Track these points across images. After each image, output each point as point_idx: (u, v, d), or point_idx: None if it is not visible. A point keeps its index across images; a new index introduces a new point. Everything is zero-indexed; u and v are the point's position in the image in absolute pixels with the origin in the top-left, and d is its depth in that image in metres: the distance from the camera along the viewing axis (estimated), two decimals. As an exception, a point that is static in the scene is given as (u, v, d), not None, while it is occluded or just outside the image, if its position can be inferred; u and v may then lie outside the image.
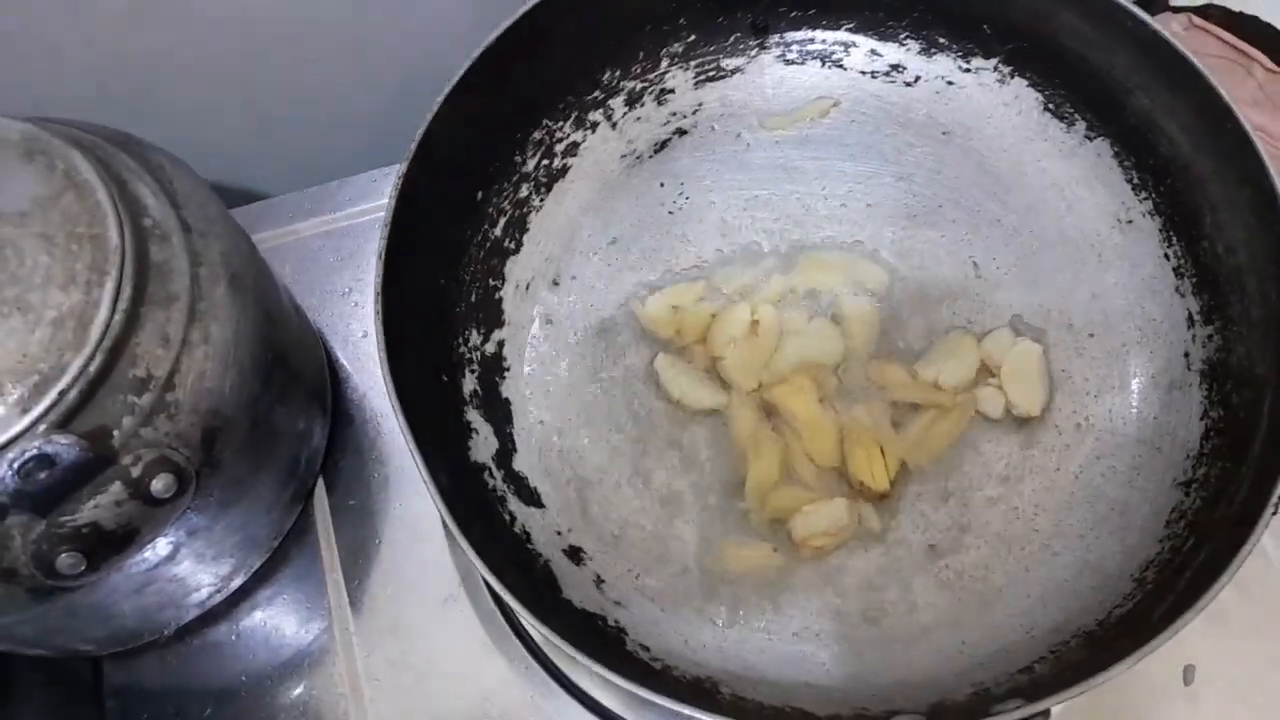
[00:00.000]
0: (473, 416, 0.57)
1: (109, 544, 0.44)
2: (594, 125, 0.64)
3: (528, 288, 0.62)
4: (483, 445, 0.57)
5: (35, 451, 0.40)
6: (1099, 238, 0.60)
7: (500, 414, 0.58)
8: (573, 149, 0.64)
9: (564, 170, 0.64)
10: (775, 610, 0.54)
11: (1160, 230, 0.58)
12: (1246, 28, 0.71)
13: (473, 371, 0.59)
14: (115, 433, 0.43)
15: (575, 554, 0.55)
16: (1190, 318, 0.56)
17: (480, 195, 0.61)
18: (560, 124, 0.64)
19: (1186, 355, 0.56)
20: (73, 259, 0.43)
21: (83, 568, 0.43)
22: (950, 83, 0.64)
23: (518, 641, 0.59)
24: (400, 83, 0.71)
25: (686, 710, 0.44)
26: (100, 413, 0.43)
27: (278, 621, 0.60)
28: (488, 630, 0.59)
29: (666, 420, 0.59)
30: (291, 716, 0.58)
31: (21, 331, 0.42)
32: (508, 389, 0.59)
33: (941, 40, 0.63)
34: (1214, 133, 0.54)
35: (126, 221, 0.45)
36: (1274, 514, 0.45)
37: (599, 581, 0.54)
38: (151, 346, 0.45)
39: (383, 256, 0.51)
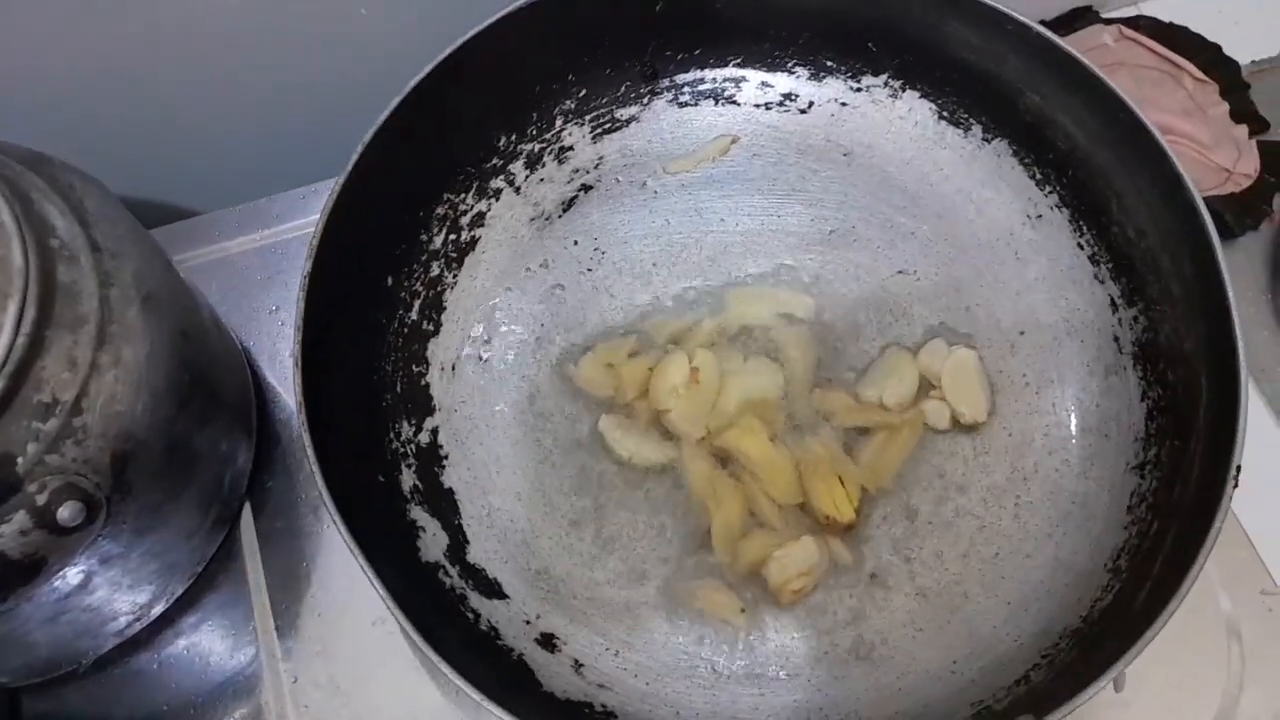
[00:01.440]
0: (417, 514, 0.54)
1: (15, 574, 0.42)
2: (497, 192, 0.63)
3: (454, 369, 0.59)
4: (432, 542, 0.54)
5: None
6: (1012, 236, 0.61)
7: (445, 506, 0.56)
8: (479, 219, 0.62)
9: (473, 242, 0.62)
10: (762, 661, 0.52)
11: (1070, 221, 0.60)
12: (1176, 38, 0.73)
13: (409, 466, 0.56)
14: (19, 460, 0.41)
15: (548, 641, 0.53)
16: (1113, 302, 0.57)
17: (390, 280, 0.59)
18: (462, 195, 0.62)
19: (1116, 340, 0.57)
20: None
21: None
22: (844, 104, 0.64)
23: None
24: (329, 97, 0.68)
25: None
26: (3, 439, 0.41)
27: (203, 648, 0.57)
28: (418, 653, 0.56)
29: (620, 482, 0.57)
30: None
31: None
32: (449, 478, 0.57)
33: (829, 63, 0.64)
34: (1108, 123, 0.55)
35: (31, 242, 0.42)
36: (1235, 486, 0.46)
37: (578, 666, 0.52)
38: (57, 370, 0.42)
39: (299, 362, 0.48)
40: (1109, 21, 0.75)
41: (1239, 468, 0.46)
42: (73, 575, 0.47)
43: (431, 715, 0.56)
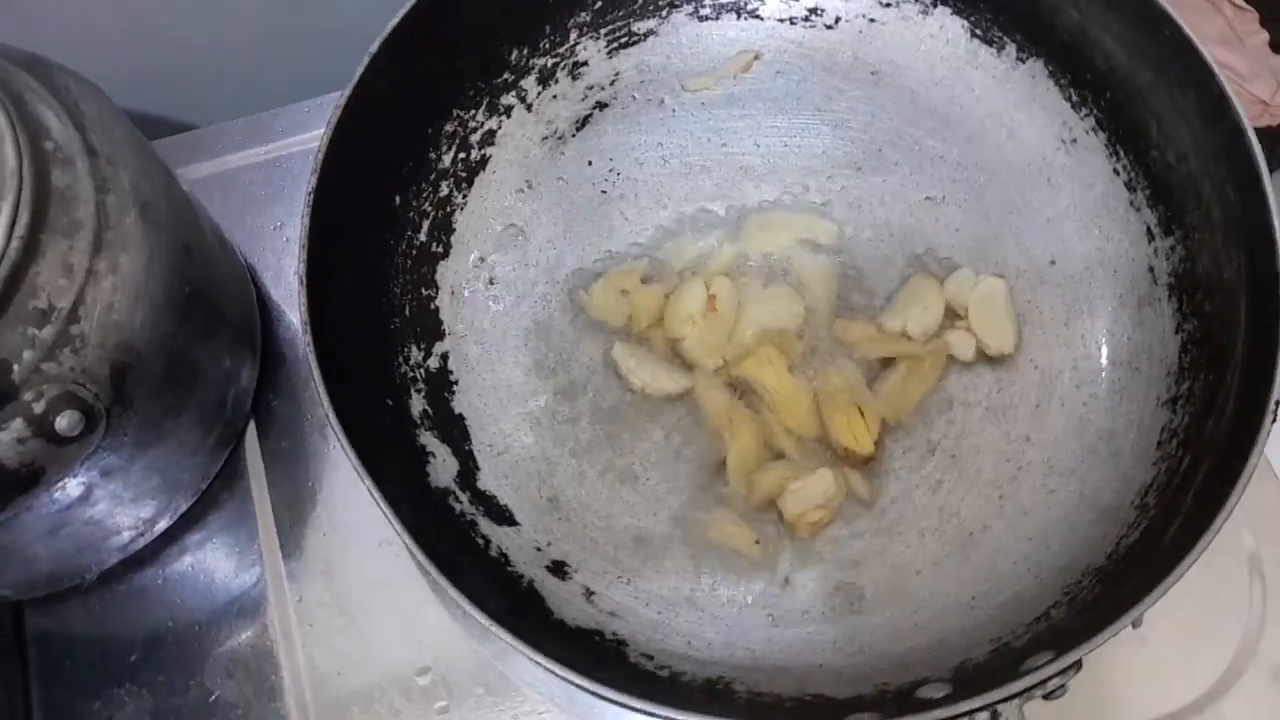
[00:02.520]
0: (427, 439, 0.53)
1: (13, 483, 0.42)
2: (508, 109, 0.60)
3: (464, 293, 0.58)
4: (442, 469, 0.53)
5: None
6: (1045, 161, 0.59)
7: (456, 432, 0.54)
8: (489, 137, 0.60)
9: (483, 161, 0.60)
10: (775, 593, 0.51)
11: (1106, 145, 0.57)
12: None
13: (419, 391, 0.55)
14: (15, 367, 0.41)
15: (559, 568, 0.52)
16: (1149, 231, 0.55)
17: (398, 200, 0.57)
18: (472, 112, 0.59)
19: (1151, 270, 0.55)
20: None
21: None
22: (872, 20, 0.62)
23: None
24: (334, 6, 0.67)
25: (707, 720, 0.41)
26: None
27: (208, 566, 0.58)
28: (425, 576, 0.56)
29: (634, 411, 0.55)
30: (220, 662, 0.55)
31: None
32: (459, 404, 0.56)
33: (858, -24, 0.61)
34: (1152, 40, 0.52)
35: (25, 144, 0.41)
36: (1274, 420, 0.44)
37: (589, 594, 0.51)
38: (53, 276, 0.42)
39: (304, 280, 0.47)
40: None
41: (1279, 402, 0.44)
42: (73, 487, 0.46)
43: (437, 636, 0.55)
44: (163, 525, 0.56)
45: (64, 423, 0.42)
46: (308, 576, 0.57)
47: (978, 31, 0.60)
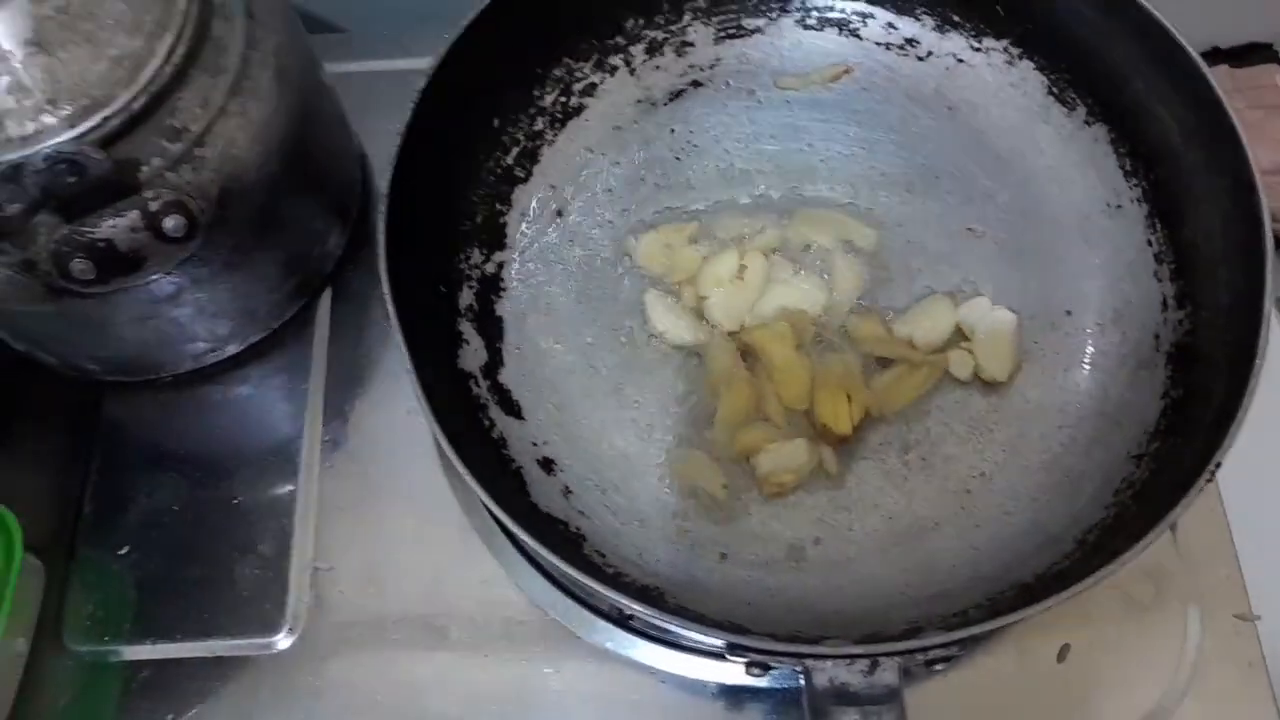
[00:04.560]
0: (465, 328, 0.60)
1: (119, 263, 0.49)
2: (613, 69, 0.67)
3: (533, 215, 0.65)
4: (472, 356, 0.60)
5: (70, 156, 0.46)
6: (1087, 220, 0.62)
7: (492, 329, 0.61)
8: (590, 89, 0.67)
9: (579, 109, 0.67)
10: (729, 536, 0.56)
11: (1146, 217, 0.60)
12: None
13: (471, 288, 0.62)
14: (143, 168, 0.49)
15: (548, 465, 0.58)
16: (1165, 302, 0.58)
17: (497, 123, 0.64)
18: (581, 64, 0.66)
19: (1157, 337, 0.58)
20: (144, 11, 0.49)
21: (92, 276, 0.49)
22: (961, 60, 0.66)
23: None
24: None
25: (635, 608, 0.47)
26: (134, 147, 0.49)
27: (261, 396, 0.65)
28: (437, 445, 0.62)
29: (650, 352, 0.61)
30: (249, 474, 0.63)
31: (85, 60, 0.48)
32: (502, 308, 0.62)
33: (956, 18, 0.65)
34: (1204, 122, 0.55)
35: None
36: (1208, 480, 0.47)
37: (567, 492, 0.57)
38: (192, 104, 0.50)
39: (397, 158, 0.54)
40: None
41: (1219, 464, 0.47)
42: (166, 284, 0.55)
43: (433, 497, 0.62)
44: (233, 349, 0.64)
45: (170, 224, 0.50)
46: (340, 422, 0.64)
47: (1054, 89, 0.64)
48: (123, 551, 0.61)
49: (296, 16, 0.59)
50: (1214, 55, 0.85)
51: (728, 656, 0.46)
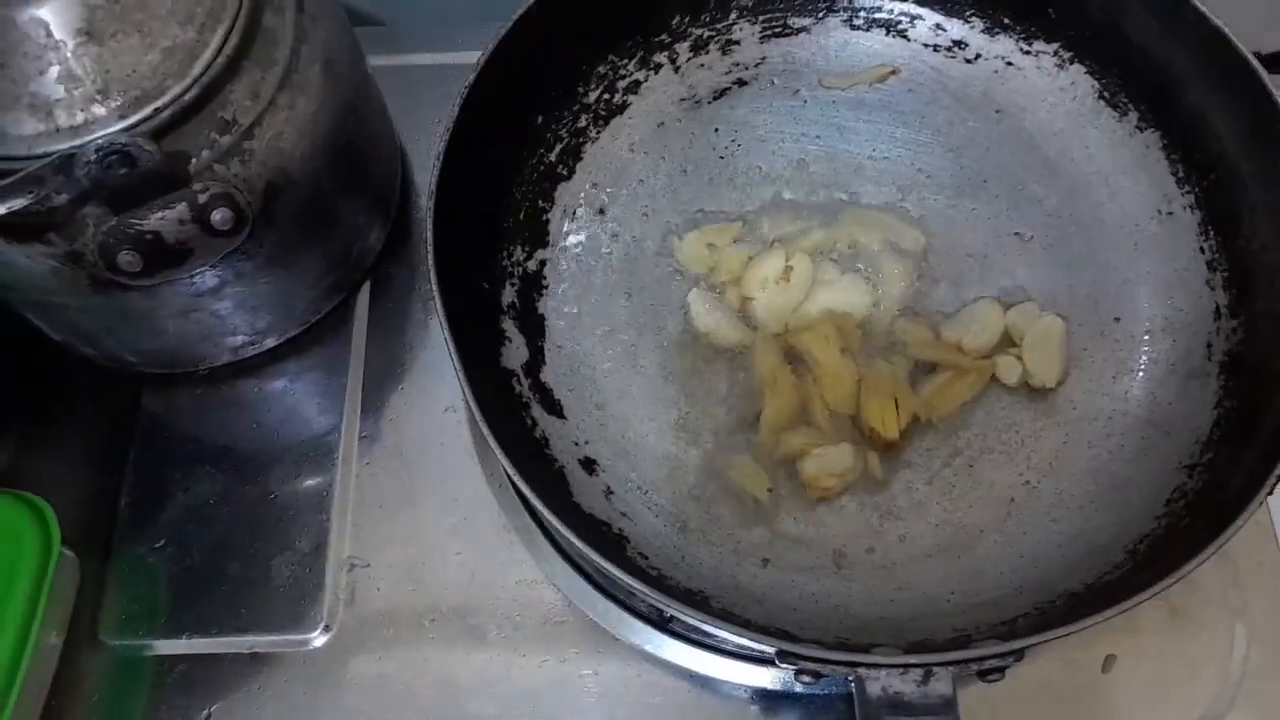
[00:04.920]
0: (508, 326, 0.60)
1: (166, 255, 0.50)
2: (658, 67, 0.67)
3: (575, 213, 0.64)
4: (514, 354, 0.59)
5: (122, 148, 0.45)
6: (1137, 227, 0.61)
7: (534, 328, 0.61)
8: (634, 87, 0.66)
9: (623, 106, 0.66)
10: (773, 540, 0.56)
11: (1199, 224, 0.59)
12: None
13: (513, 285, 0.61)
14: (193, 160, 0.49)
15: (589, 465, 0.57)
16: (1217, 310, 0.57)
17: (540, 120, 0.64)
18: (626, 62, 0.66)
19: (1209, 346, 0.57)
20: (196, 2, 0.49)
21: (139, 269, 0.49)
22: (1010, 63, 0.65)
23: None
24: None
25: (682, 611, 0.46)
26: (184, 139, 0.49)
27: (298, 392, 0.65)
28: (475, 437, 0.63)
29: (693, 353, 0.61)
30: (285, 469, 0.63)
31: (137, 51, 0.47)
32: (544, 306, 0.62)
33: (1006, 21, 0.65)
34: (1263, 134, 0.55)
35: None
36: (1269, 493, 0.46)
37: (609, 493, 0.57)
38: (242, 97, 0.50)
39: (443, 154, 0.54)
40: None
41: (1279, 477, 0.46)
42: (210, 277, 0.54)
43: (473, 493, 0.62)
44: (271, 342, 0.64)
45: (218, 217, 0.50)
46: (377, 417, 0.64)
47: (1105, 94, 0.63)
48: (159, 545, 0.61)
49: (342, 10, 0.58)
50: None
51: (778, 663, 0.46)
